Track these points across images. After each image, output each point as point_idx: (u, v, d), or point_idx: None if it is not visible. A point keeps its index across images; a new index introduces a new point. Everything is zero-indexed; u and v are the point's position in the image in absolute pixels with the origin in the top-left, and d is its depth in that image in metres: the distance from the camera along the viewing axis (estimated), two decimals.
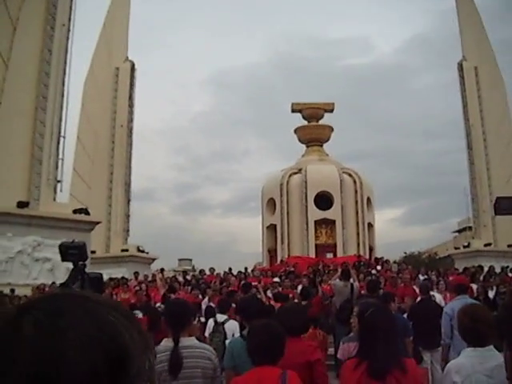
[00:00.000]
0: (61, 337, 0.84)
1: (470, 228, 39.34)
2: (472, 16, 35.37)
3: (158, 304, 13.79)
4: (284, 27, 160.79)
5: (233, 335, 8.11)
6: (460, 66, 35.16)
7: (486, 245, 30.54)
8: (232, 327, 8.54)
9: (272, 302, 12.41)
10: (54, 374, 0.81)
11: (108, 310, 0.92)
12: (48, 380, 0.80)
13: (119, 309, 0.95)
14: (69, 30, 23.37)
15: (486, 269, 20.86)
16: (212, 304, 12.50)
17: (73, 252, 4.45)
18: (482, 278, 17.94)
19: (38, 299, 0.94)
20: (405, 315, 10.74)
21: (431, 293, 12.92)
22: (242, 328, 6.52)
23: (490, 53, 34.74)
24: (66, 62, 23.05)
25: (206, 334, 8.90)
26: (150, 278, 20.37)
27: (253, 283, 16.07)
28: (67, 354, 0.82)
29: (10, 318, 0.88)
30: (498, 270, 21.08)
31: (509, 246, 30.28)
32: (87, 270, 4.83)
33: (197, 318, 9.87)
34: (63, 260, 4.62)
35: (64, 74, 22.92)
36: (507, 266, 23.00)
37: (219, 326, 8.71)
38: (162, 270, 23.85)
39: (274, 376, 3.83)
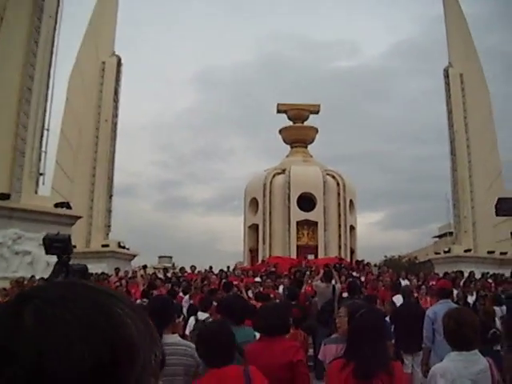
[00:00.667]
0: (64, 327, 0.79)
1: (451, 233, 39.61)
2: (459, 23, 35.57)
3: (138, 300, 13.70)
4: (272, 27, 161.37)
5: None
6: (446, 73, 35.34)
7: (466, 250, 30.71)
8: None
9: (253, 302, 12.41)
10: (56, 367, 0.76)
11: (114, 300, 0.87)
12: (50, 372, 0.76)
13: (125, 300, 0.90)
14: (56, 22, 23.20)
15: (466, 274, 20.99)
16: (191, 302, 12.49)
17: (57, 245, 4.39)
18: (461, 283, 18.04)
19: (39, 287, 0.89)
20: (386, 318, 10.77)
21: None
22: None
23: (475, 60, 34.94)
24: (52, 54, 22.88)
25: (187, 332, 8.86)
26: (130, 275, 20.30)
27: (234, 282, 16.05)
28: (70, 345, 0.78)
29: (9, 306, 0.84)
30: (477, 276, 21.24)
31: (489, 252, 30.48)
32: (71, 263, 4.77)
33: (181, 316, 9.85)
34: (47, 253, 4.56)
35: (50, 66, 22.74)
36: (487, 272, 23.18)
37: (200, 324, 8.66)
38: (145, 266, 23.80)
39: (237, 373, 3.81)
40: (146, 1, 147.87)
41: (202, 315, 8.91)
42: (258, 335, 5.71)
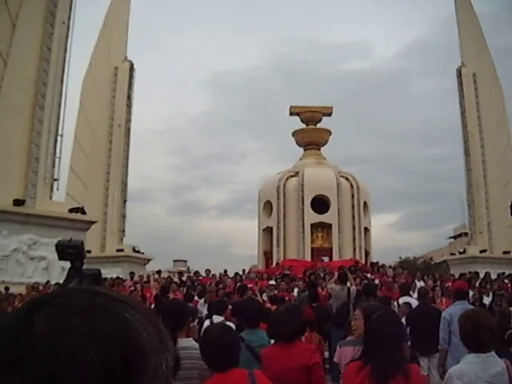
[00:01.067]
0: (74, 335, 0.78)
1: (466, 234, 39.45)
2: (471, 23, 35.44)
3: (151, 305, 13.73)
4: (284, 30, 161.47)
5: None
6: (459, 73, 35.19)
7: (481, 251, 30.54)
8: None
9: (268, 305, 12.41)
10: (65, 375, 0.75)
11: (124, 306, 0.86)
12: (59, 381, 0.75)
13: (136, 305, 0.89)
14: (68, 29, 23.33)
15: (481, 275, 20.87)
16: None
17: (70, 251, 4.39)
18: (477, 284, 17.94)
19: (50, 294, 0.88)
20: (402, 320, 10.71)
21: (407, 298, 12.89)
22: (238, 330, 6.47)
23: (488, 60, 34.80)
24: (64, 61, 23.00)
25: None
26: (145, 279, 20.34)
27: (248, 285, 16.05)
28: (80, 353, 0.76)
29: (20, 313, 0.83)
30: (493, 277, 21.11)
31: (504, 252, 30.30)
32: (84, 268, 4.77)
33: (196, 320, 9.84)
34: (60, 259, 4.55)
35: (63, 72, 22.87)
36: (503, 273, 23.02)
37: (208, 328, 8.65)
38: (159, 271, 23.83)
39: (242, 377, 3.79)
40: (158, 5, 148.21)
41: (217, 318, 8.89)
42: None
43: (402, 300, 12.72)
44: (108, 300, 0.87)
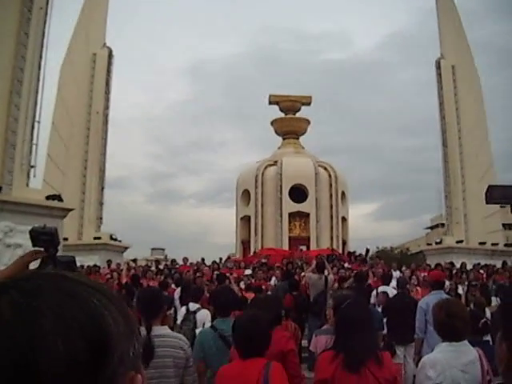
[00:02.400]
0: (38, 319, 0.77)
1: (443, 225, 39.77)
2: (451, 15, 35.56)
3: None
4: (264, 19, 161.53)
5: (203, 325, 8.05)
6: (438, 64, 35.29)
7: (458, 242, 30.77)
8: (203, 316, 8.48)
9: (245, 294, 12.50)
10: (32, 362, 0.74)
11: (91, 291, 0.86)
12: (25, 368, 0.74)
13: (102, 290, 0.89)
14: (46, 14, 23.01)
15: (457, 265, 21.07)
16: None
17: (44, 238, 4.35)
18: (454, 274, 18.10)
19: (16, 278, 0.87)
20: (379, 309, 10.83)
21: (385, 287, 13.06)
22: (213, 318, 6.49)
23: (467, 52, 34.97)
24: (42, 46, 22.69)
25: (178, 322, 8.86)
26: (122, 267, 20.29)
27: (226, 274, 16.07)
28: (46, 339, 0.76)
29: None
30: (469, 267, 21.32)
31: (480, 243, 30.57)
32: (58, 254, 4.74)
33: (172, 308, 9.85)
34: (34, 246, 4.52)
35: (40, 58, 22.57)
36: (478, 263, 23.26)
37: (190, 314, 8.65)
38: (135, 260, 23.77)
39: (258, 366, 3.81)
40: None
41: (192, 306, 8.89)
42: None
43: (380, 289, 12.85)
44: (75, 285, 0.86)
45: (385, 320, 10.19)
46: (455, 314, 4.18)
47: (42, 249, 3.61)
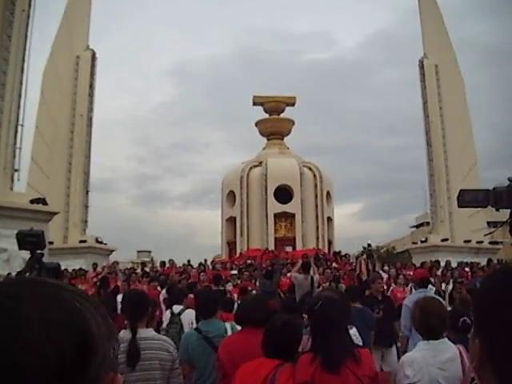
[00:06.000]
0: (25, 323, 0.80)
1: (428, 223, 39.91)
2: (434, 14, 35.74)
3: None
4: (247, 20, 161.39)
5: (192, 323, 7.99)
6: (421, 64, 35.49)
7: (443, 240, 30.94)
8: (187, 317, 8.44)
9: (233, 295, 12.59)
10: (17, 365, 0.77)
11: (73, 295, 0.89)
12: (11, 371, 0.76)
13: (83, 295, 0.92)
14: (29, 16, 22.91)
15: (442, 264, 21.17)
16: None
17: (30, 240, 4.36)
18: (439, 272, 18.19)
19: (1, 283, 0.90)
20: None
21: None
22: (198, 320, 6.48)
23: (450, 51, 35.17)
24: (25, 49, 22.59)
25: (164, 326, 8.83)
26: (106, 270, 20.21)
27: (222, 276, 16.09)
28: (33, 341, 0.78)
29: None
30: (454, 265, 21.43)
31: (465, 241, 30.74)
32: (45, 260, 4.73)
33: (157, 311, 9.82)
34: (20, 248, 4.53)
35: (23, 61, 22.47)
36: (464, 261, 23.40)
37: (175, 317, 8.63)
38: (116, 262, 23.67)
39: (269, 366, 3.82)
40: None
41: (176, 308, 8.86)
42: (229, 328, 5.78)
43: None
44: (58, 289, 0.89)
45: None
46: (431, 313, 4.23)
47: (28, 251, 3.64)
